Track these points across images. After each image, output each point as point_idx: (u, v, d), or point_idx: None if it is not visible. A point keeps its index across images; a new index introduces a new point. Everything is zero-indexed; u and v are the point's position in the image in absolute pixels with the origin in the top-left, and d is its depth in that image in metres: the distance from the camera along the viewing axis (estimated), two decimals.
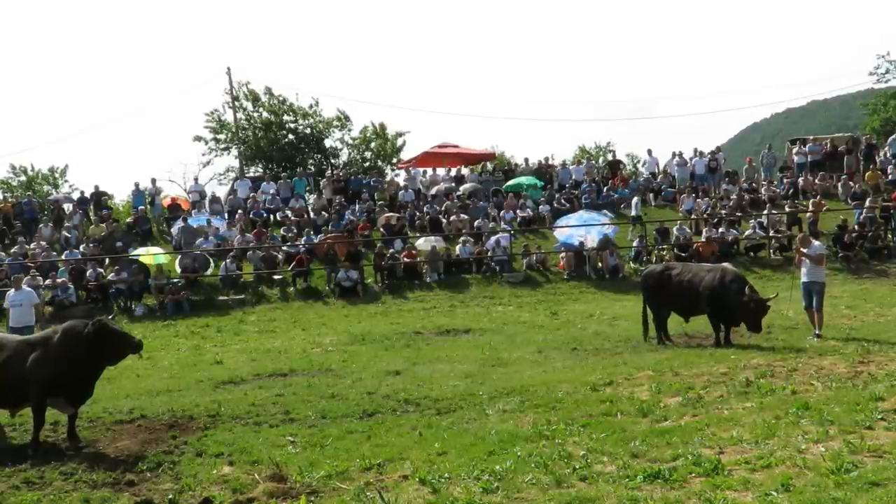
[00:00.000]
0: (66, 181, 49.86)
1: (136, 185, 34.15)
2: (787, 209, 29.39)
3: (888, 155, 33.60)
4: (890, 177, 31.87)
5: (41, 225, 31.47)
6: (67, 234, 30.01)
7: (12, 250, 28.03)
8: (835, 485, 6.52)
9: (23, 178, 49.83)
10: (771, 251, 26.96)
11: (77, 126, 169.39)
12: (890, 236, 27.35)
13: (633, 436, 8.49)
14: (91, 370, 9.90)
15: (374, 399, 11.67)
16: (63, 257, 27.63)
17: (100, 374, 10.17)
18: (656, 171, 35.87)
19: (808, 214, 28.36)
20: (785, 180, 32.71)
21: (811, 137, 37.91)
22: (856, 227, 27.02)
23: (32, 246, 28.54)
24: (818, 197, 29.78)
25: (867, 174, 32.08)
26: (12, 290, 16.54)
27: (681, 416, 9.38)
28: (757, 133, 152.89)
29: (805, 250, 15.14)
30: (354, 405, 11.33)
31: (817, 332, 14.62)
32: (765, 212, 29.14)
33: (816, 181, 31.47)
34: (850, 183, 31.11)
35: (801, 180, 32.04)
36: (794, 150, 35.32)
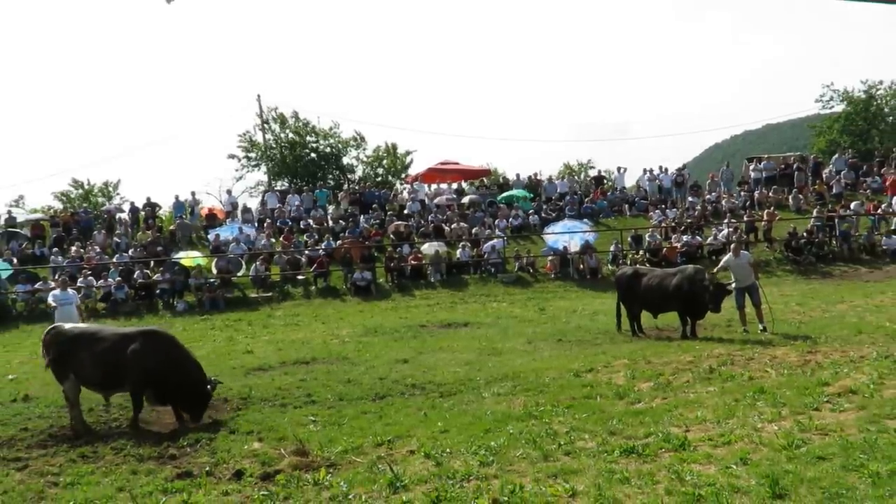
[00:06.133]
0: (118, 193, 49.84)
1: (177, 197, 34.19)
2: (745, 218, 29.39)
3: (832, 171, 33.67)
4: (834, 190, 31.93)
5: (95, 232, 31.46)
6: (118, 240, 30.03)
7: (70, 254, 28.07)
8: (787, 459, 6.52)
9: (80, 191, 49.77)
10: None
11: (128, 145, 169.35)
12: (834, 243, 27.34)
13: (611, 416, 8.48)
14: None
15: (385, 384, 11.66)
16: (114, 260, 27.65)
17: None
18: (624, 185, 35.93)
19: (762, 223, 28.40)
20: (743, 193, 32.73)
21: (766, 156, 37.95)
22: (805, 233, 26.99)
23: (87, 250, 28.59)
24: (772, 208, 29.83)
25: (814, 188, 32.16)
26: (58, 290, 16.30)
27: (652, 398, 9.37)
28: (719, 152, 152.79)
29: (735, 258, 15.13)
30: (368, 389, 11.32)
31: (762, 325, 14.58)
32: (725, 221, 29.21)
33: (770, 194, 31.49)
34: (800, 196, 31.20)
35: (756, 193, 32.06)
36: (751, 167, 35.41)
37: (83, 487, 7.37)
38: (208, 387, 9.91)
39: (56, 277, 24.14)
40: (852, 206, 29.37)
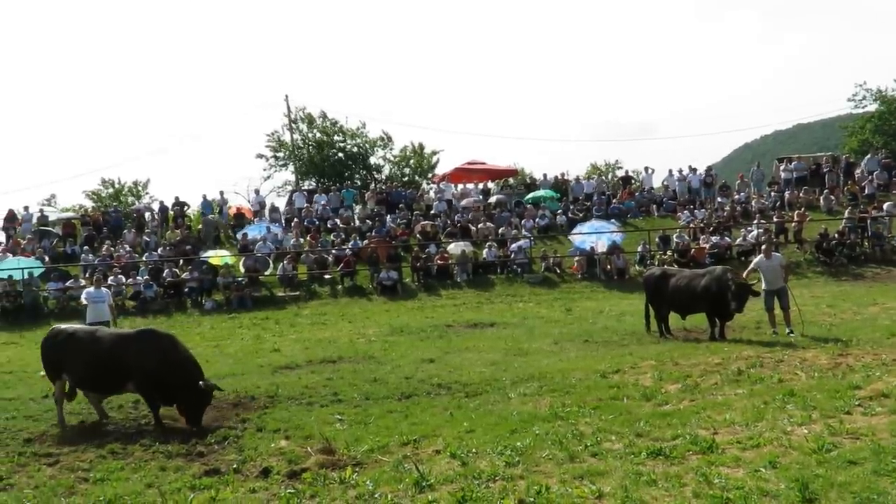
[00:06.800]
0: (147, 193, 50.26)
1: (204, 196, 34.46)
2: (774, 219, 29.11)
3: (865, 171, 33.22)
4: (866, 191, 31.49)
5: (125, 231, 31.79)
6: (147, 239, 30.36)
7: (101, 252, 28.42)
8: (817, 463, 6.45)
9: (111, 190, 50.23)
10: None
11: (157, 145, 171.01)
12: (866, 244, 26.99)
13: (638, 418, 8.44)
14: None
15: (411, 383, 11.69)
16: (143, 259, 27.95)
17: None
18: (652, 186, 35.74)
19: (793, 224, 28.10)
20: (773, 194, 32.40)
21: (796, 156, 37.53)
22: (836, 235, 26.67)
23: (117, 249, 28.95)
24: (802, 209, 29.49)
25: (846, 188, 31.76)
26: (91, 287, 16.43)
27: (680, 400, 9.30)
28: (748, 152, 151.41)
29: (766, 260, 14.98)
30: (394, 388, 11.36)
31: (789, 328, 14.42)
32: (755, 221, 28.95)
33: (801, 195, 31.15)
34: (831, 196, 30.83)
35: (787, 194, 31.71)
36: (782, 168, 35.00)
37: (113, 483, 7.47)
38: (201, 385, 9.55)
39: (87, 275, 24.54)
40: (885, 206, 28.84)
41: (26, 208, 33.36)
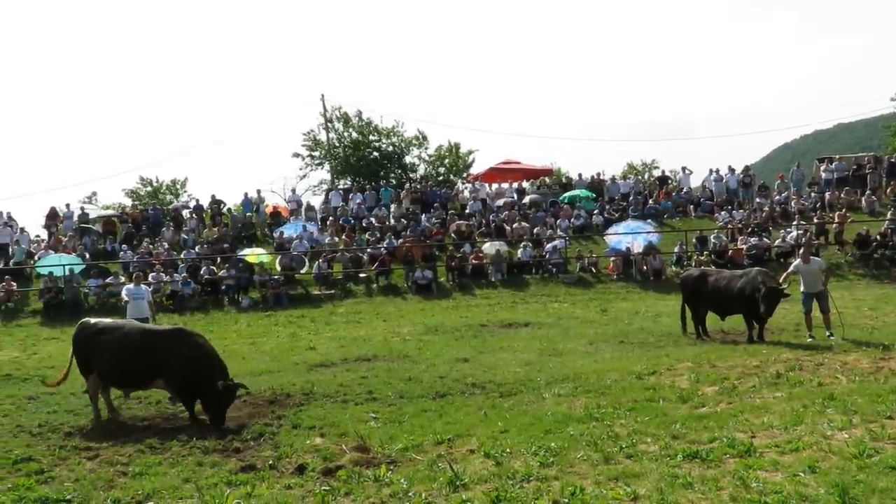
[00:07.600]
0: (185, 191, 50.81)
1: (245, 194, 34.75)
2: (815, 220, 28.70)
3: None
4: None
5: (164, 228, 32.21)
6: (185, 237, 30.73)
7: (140, 250, 28.83)
8: (857, 468, 6.35)
9: (149, 188, 50.86)
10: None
11: (194, 143, 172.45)
12: None
13: (674, 420, 8.36)
14: None
15: (445, 382, 11.69)
16: (182, 256, 28.30)
17: None
18: (689, 186, 35.38)
19: (834, 225, 27.69)
20: (813, 195, 31.95)
21: (837, 156, 36.97)
22: (878, 236, 26.20)
23: (156, 246, 29.35)
24: (843, 210, 29.04)
25: (889, 189, 31.18)
26: (131, 284, 16.68)
27: (717, 403, 9.20)
28: (788, 152, 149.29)
29: (805, 264, 14.72)
30: (428, 387, 11.37)
31: (829, 331, 14.18)
32: (794, 223, 28.55)
33: (842, 195, 30.68)
34: (873, 197, 30.30)
35: (828, 195, 31.28)
36: (822, 168, 34.53)
37: (151, 477, 7.56)
38: (219, 386, 9.55)
39: (126, 272, 24.92)
40: None
41: (68, 206, 33.97)
